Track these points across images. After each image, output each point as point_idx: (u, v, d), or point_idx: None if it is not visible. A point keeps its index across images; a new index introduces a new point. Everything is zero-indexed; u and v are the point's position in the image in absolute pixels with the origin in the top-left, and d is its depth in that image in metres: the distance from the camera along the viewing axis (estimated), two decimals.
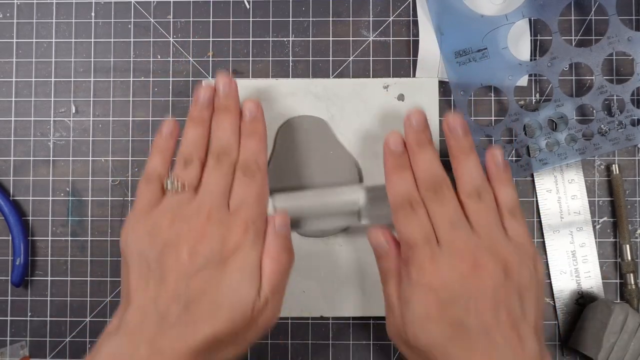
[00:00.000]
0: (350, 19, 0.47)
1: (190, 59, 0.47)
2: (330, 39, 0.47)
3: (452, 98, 0.46)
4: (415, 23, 0.46)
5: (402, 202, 0.37)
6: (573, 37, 0.47)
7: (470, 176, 0.38)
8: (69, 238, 0.47)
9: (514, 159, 0.45)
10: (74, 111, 0.47)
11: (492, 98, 0.46)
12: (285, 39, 0.47)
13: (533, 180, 0.46)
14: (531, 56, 0.46)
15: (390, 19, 0.47)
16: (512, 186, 0.39)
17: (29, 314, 0.46)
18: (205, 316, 0.34)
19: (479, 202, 0.37)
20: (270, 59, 0.47)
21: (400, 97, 0.45)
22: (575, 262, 0.45)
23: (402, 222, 0.37)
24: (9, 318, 0.46)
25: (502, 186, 0.39)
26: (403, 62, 0.46)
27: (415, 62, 0.46)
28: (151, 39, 0.47)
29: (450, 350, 0.34)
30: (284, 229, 0.38)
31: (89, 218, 0.46)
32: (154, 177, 0.38)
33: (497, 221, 0.37)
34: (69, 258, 0.46)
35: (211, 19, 0.47)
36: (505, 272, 0.35)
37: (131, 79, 0.47)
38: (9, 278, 0.46)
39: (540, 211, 0.46)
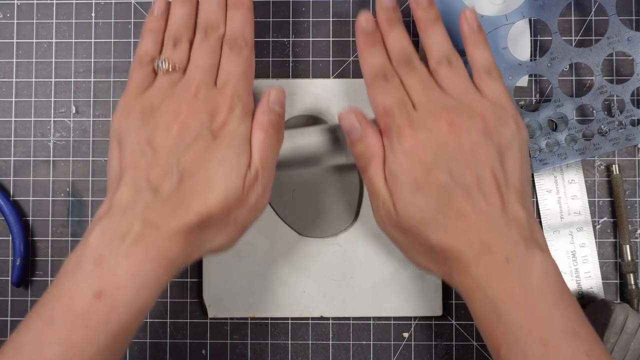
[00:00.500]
0: (350, 19, 0.47)
1: None
2: (330, 39, 0.47)
3: None
4: None
5: (376, 75, 0.38)
6: (573, 38, 0.47)
7: (439, 44, 0.38)
8: (69, 238, 0.46)
9: None
10: (74, 111, 0.47)
11: None
12: (285, 39, 0.47)
13: (533, 181, 0.46)
14: (531, 56, 0.46)
15: None
16: (487, 47, 0.39)
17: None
18: (198, 191, 0.34)
19: (449, 68, 0.38)
20: (271, 59, 0.47)
21: None
22: (575, 263, 0.45)
23: (377, 93, 0.37)
24: (9, 318, 0.46)
25: (476, 47, 0.39)
26: None
27: None
28: None
29: (441, 220, 0.34)
30: (277, 106, 0.37)
31: (89, 218, 0.46)
32: (146, 60, 0.38)
33: (469, 83, 0.37)
34: None
35: None
36: (484, 130, 0.35)
37: None
38: (9, 278, 0.46)
39: (540, 211, 0.46)
